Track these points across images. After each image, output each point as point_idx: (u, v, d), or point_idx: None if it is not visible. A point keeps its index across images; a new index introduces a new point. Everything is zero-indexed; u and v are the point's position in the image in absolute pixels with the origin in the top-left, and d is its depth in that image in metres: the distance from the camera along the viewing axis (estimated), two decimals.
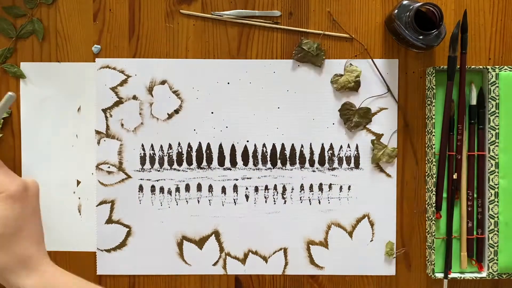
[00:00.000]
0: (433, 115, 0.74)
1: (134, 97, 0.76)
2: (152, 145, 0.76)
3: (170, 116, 0.76)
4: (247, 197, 0.76)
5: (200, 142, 0.76)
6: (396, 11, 0.71)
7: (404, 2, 0.71)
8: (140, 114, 0.76)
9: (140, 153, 0.76)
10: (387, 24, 0.74)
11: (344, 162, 0.76)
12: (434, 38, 0.71)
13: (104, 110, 0.76)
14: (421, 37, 0.70)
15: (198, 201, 0.76)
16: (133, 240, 0.77)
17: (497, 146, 0.74)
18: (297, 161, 0.76)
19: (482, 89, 0.75)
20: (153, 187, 0.76)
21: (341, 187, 0.76)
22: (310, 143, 0.76)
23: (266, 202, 0.76)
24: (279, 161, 0.76)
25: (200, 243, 0.77)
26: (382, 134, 0.76)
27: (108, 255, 0.77)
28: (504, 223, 0.74)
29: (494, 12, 0.76)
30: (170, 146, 0.76)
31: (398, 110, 0.76)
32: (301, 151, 0.76)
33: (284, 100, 0.76)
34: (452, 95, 0.74)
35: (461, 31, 0.73)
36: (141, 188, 0.76)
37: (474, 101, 0.74)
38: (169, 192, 0.76)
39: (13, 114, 0.76)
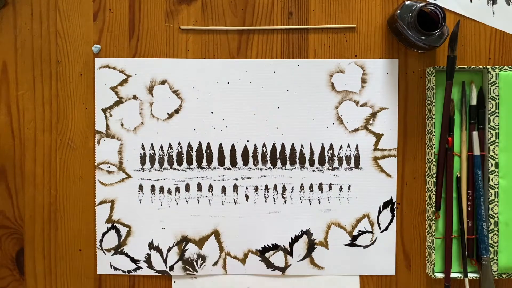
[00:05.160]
0: (433, 115, 0.74)
1: (134, 97, 0.76)
2: (152, 145, 0.76)
3: (170, 115, 0.76)
4: (247, 197, 0.76)
5: (200, 142, 0.76)
6: (398, 11, 0.71)
7: (407, 3, 0.71)
8: (140, 113, 0.76)
9: (140, 153, 0.76)
10: (390, 24, 0.74)
11: (344, 162, 0.76)
12: (437, 38, 0.71)
13: (104, 110, 0.76)
14: (423, 37, 0.70)
15: (198, 201, 0.76)
16: (133, 240, 0.77)
17: (497, 146, 0.74)
18: (297, 161, 0.76)
19: (482, 89, 0.75)
20: (153, 187, 0.76)
21: (341, 187, 0.76)
22: (310, 143, 0.76)
23: (266, 202, 0.76)
24: (279, 161, 0.76)
25: (200, 243, 0.77)
26: (382, 134, 0.76)
27: (108, 255, 0.77)
28: (504, 223, 0.74)
29: None
30: (170, 146, 0.76)
31: (398, 110, 0.76)
32: (301, 151, 0.76)
33: (284, 100, 0.76)
34: (452, 95, 0.74)
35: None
36: (141, 187, 0.76)
37: (474, 101, 0.74)
38: (169, 191, 0.76)
39: (12, 115, 0.76)
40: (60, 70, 0.76)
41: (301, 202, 0.76)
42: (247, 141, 0.76)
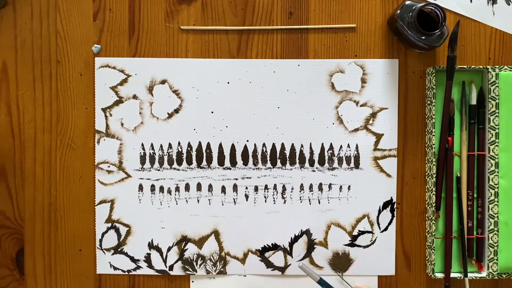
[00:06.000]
0: (433, 115, 0.74)
1: (134, 97, 0.76)
2: (152, 145, 0.76)
3: (170, 115, 0.76)
4: (246, 196, 0.76)
5: (200, 142, 0.76)
6: (398, 11, 0.71)
7: (407, 3, 0.71)
8: (140, 113, 0.76)
9: (140, 153, 0.76)
10: (390, 24, 0.74)
11: (344, 162, 0.76)
12: (437, 38, 0.71)
13: (104, 109, 0.76)
14: (423, 37, 0.70)
15: (198, 201, 0.76)
16: (132, 240, 0.77)
17: (497, 146, 0.74)
18: (297, 161, 0.76)
19: (482, 89, 0.75)
20: (153, 187, 0.76)
21: (341, 187, 0.76)
22: (310, 143, 0.76)
23: (265, 201, 0.76)
24: (279, 161, 0.76)
25: (200, 242, 0.77)
26: (382, 134, 0.76)
27: (107, 255, 0.77)
28: (504, 223, 0.74)
29: None
30: (170, 146, 0.76)
31: (398, 110, 0.76)
32: (301, 151, 0.76)
33: (284, 100, 0.76)
34: (452, 95, 0.74)
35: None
36: (141, 187, 0.76)
37: (474, 101, 0.74)
38: (169, 191, 0.76)
39: (12, 115, 0.76)
40: (60, 70, 0.76)
41: (301, 202, 0.76)
42: (247, 141, 0.76)
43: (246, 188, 0.76)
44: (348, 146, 0.76)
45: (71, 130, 0.76)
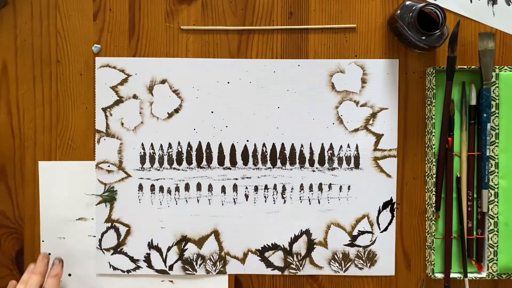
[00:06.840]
0: (433, 115, 0.74)
1: (134, 96, 0.76)
2: (152, 144, 0.76)
3: (170, 115, 0.76)
4: (246, 196, 0.76)
5: (200, 142, 0.76)
6: (399, 11, 0.71)
7: (407, 3, 0.71)
8: (140, 113, 0.76)
9: (140, 152, 0.76)
10: (390, 24, 0.74)
11: (344, 162, 0.76)
12: (437, 38, 0.71)
13: (104, 109, 0.76)
14: (423, 37, 0.70)
15: (198, 201, 0.76)
16: (132, 239, 0.77)
17: (497, 146, 0.74)
18: (297, 161, 0.76)
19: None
20: (152, 186, 0.76)
21: (340, 187, 0.76)
22: (310, 143, 0.76)
23: (265, 201, 0.76)
24: (279, 161, 0.76)
25: (200, 242, 0.77)
26: (382, 134, 0.76)
27: (107, 255, 0.77)
28: (504, 223, 0.74)
29: None
30: (170, 145, 0.76)
31: (398, 110, 0.76)
32: (301, 151, 0.76)
33: (284, 100, 0.76)
34: (452, 95, 0.74)
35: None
36: (140, 187, 0.76)
37: (474, 101, 0.74)
38: (169, 191, 0.76)
39: (12, 115, 0.76)
40: (60, 70, 0.76)
41: (301, 202, 0.76)
42: (247, 141, 0.76)
43: (246, 188, 0.76)
44: (348, 146, 0.76)
45: (71, 130, 0.76)
